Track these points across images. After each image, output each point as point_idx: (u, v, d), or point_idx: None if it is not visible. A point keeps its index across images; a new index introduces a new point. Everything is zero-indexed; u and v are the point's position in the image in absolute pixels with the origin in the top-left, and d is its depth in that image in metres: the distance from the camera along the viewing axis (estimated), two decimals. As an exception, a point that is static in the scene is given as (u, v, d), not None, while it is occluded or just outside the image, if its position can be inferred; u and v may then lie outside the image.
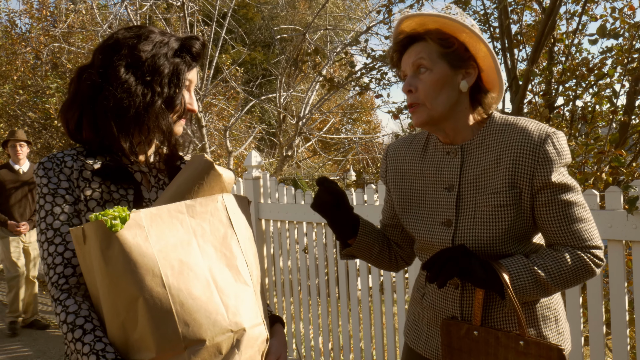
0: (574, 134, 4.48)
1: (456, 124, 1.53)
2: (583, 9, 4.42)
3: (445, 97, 1.49)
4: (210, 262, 1.28)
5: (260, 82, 10.96)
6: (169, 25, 8.58)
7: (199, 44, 1.47)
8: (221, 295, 1.26)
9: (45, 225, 1.34)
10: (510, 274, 1.41)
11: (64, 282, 1.32)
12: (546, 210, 1.45)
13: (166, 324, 1.20)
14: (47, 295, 7.70)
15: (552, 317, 1.56)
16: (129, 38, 1.41)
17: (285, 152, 8.34)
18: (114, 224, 1.19)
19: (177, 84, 1.43)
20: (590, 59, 4.66)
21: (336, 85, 5.45)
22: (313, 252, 3.88)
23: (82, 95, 1.40)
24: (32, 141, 9.85)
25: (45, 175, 1.37)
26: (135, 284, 1.19)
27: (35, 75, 9.91)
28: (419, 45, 1.52)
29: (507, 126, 1.49)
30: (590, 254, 1.45)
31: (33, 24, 10.63)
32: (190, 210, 1.30)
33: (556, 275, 1.43)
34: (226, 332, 1.24)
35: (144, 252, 1.21)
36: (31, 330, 5.98)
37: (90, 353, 1.23)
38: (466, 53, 1.50)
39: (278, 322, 1.53)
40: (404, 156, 1.68)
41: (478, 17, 5.10)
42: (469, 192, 1.51)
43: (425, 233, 1.58)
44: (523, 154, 1.43)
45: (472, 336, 1.49)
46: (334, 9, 15.03)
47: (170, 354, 1.21)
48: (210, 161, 1.34)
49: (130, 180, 1.43)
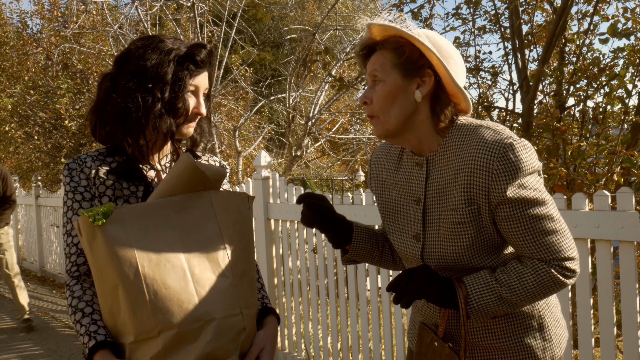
0: (584, 135, 4.45)
1: (418, 134, 1.48)
2: (594, 9, 4.40)
3: (398, 109, 1.44)
4: (190, 255, 1.38)
5: (269, 82, 10.98)
6: (179, 25, 8.61)
7: (205, 51, 1.56)
8: (196, 286, 1.35)
9: (66, 219, 1.51)
10: (469, 293, 1.41)
11: (75, 269, 1.48)
12: (508, 225, 1.40)
13: (141, 310, 1.31)
14: (57, 295, 7.75)
15: (535, 325, 1.52)
16: (139, 48, 1.52)
17: (294, 152, 8.35)
18: (97, 219, 1.32)
19: (179, 90, 1.51)
20: (602, 59, 4.63)
21: (346, 85, 5.45)
22: (322, 252, 3.88)
23: (99, 100, 1.56)
24: (43, 141, 9.92)
25: (68, 175, 1.53)
26: (115, 272, 1.31)
27: (46, 76, 9.98)
28: (376, 56, 1.48)
29: (467, 136, 1.43)
30: (559, 266, 1.40)
31: (44, 25, 10.71)
32: (175, 205, 1.41)
33: (519, 292, 1.40)
34: (197, 320, 1.33)
35: (123, 244, 1.32)
36: (42, 329, 5.98)
37: (85, 334, 1.38)
38: (420, 60, 1.43)
39: (271, 314, 1.58)
40: (383, 164, 1.66)
41: (489, 17, 5.08)
42: (434, 207, 1.49)
43: (400, 245, 1.60)
44: (477, 169, 1.37)
45: (434, 346, 1.54)
46: (343, 9, 15.03)
47: (146, 339, 1.32)
48: (191, 160, 1.41)
49: (140, 178, 1.56)
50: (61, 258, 8.49)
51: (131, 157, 1.54)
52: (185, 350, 1.32)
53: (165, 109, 1.50)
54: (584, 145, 3.80)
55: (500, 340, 1.51)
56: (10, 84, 10.87)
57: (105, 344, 1.36)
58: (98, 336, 1.37)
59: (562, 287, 1.43)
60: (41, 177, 10.07)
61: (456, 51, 1.50)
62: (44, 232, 9.13)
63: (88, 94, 9.11)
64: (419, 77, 1.44)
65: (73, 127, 9.06)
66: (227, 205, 1.48)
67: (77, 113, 9.10)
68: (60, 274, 8.50)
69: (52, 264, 8.97)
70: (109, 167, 1.54)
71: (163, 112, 1.50)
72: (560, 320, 1.61)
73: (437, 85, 1.45)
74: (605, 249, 2.40)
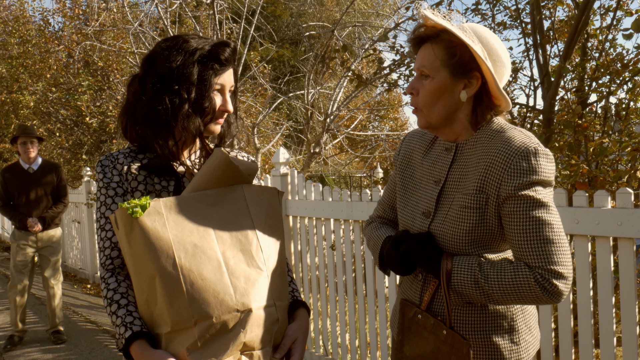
0: (607, 131, 4.39)
1: (455, 130, 1.56)
2: (618, 4, 4.33)
3: (442, 106, 1.51)
4: (225, 247, 1.41)
5: (288, 79, 11.00)
6: (198, 23, 8.64)
7: (229, 49, 1.58)
8: (231, 277, 1.38)
9: (99, 214, 1.54)
10: (453, 267, 1.47)
11: (109, 262, 1.51)
12: (509, 222, 1.43)
13: (178, 301, 1.34)
14: (79, 290, 7.85)
15: (506, 326, 1.54)
16: (164, 50, 1.55)
17: (312, 148, 8.35)
18: (135, 211, 1.35)
19: (204, 89, 1.54)
20: (625, 54, 4.56)
21: (364, 81, 5.43)
22: (340, 249, 3.88)
23: (128, 102, 1.60)
24: (64, 138, 10.03)
25: (101, 172, 1.57)
26: (153, 263, 1.35)
27: (68, 73, 10.10)
28: (426, 49, 1.52)
29: (498, 132, 1.49)
30: (541, 276, 1.38)
31: (66, 23, 10.84)
32: (209, 199, 1.45)
33: (494, 285, 1.42)
34: (232, 311, 1.36)
35: (161, 236, 1.36)
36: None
37: (121, 325, 1.41)
38: (471, 63, 1.48)
39: (302, 307, 1.61)
40: (415, 144, 1.72)
41: (509, 12, 5.02)
42: (451, 189, 1.55)
43: (408, 219, 1.65)
44: (497, 161, 1.43)
45: (417, 319, 1.60)
46: (362, 5, 14.99)
47: (183, 329, 1.35)
48: (225, 155, 1.45)
49: (171, 173, 1.59)
50: (82, 253, 8.60)
51: (161, 156, 1.57)
52: (220, 340, 1.35)
53: (193, 109, 1.54)
54: (606, 141, 3.75)
55: (470, 332, 1.54)
56: (32, 81, 11.02)
57: (141, 334, 1.39)
58: (134, 327, 1.40)
59: (538, 300, 1.42)
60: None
61: (505, 52, 1.53)
62: (66, 227, 9.25)
63: (109, 91, 9.20)
64: (466, 79, 1.49)
65: (94, 123, 9.15)
66: (259, 199, 1.52)
67: (98, 110, 9.20)
68: (82, 269, 8.61)
69: (73, 259, 9.09)
70: (140, 163, 1.58)
71: (190, 112, 1.53)
72: (533, 329, 1.62)
73: (482, 87, 1.50)
74: (628, 247, 2.37)
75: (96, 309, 6.71)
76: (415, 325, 1.61)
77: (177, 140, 1.58)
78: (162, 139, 1.55)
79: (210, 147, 1.71)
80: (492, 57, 1.48)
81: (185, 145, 1.64)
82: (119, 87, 8.93)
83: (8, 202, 5.39)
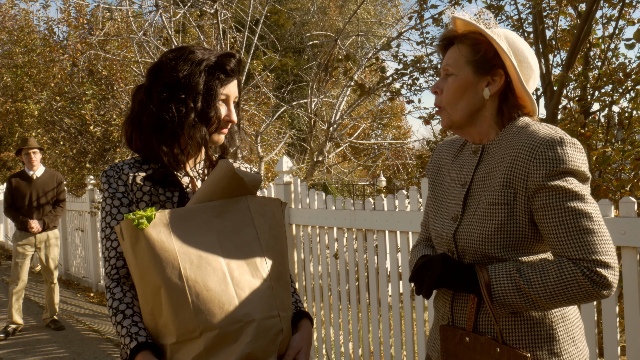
0: (610, 140, 4.39)
1: (480, 129, 1.54)
2: (620, 13, 4.34)
3: (465, 103, 1.50)
4: (229, 258, 1.42)
5: (291, 87, 11.03)
6: (202, 32, 8.69)
7: (234, 60, 1.59)
8: (236, 288, 1.39)
9: (104, 224, 1.55)
10: (491, 279, 1.38)
11: (115, 272, 1.51)
12: (543, 215, 1.37)
13: (183, 312, 1.35)
14: (82, 299, 7.85)
15: (543, 335, 1.44)
16: (170, 60, 1.57)
17: (315, 157, 8.36)
18: (140, 222, 1.36)
19: (210, 99, 1.56)
20: (627, 63, 4.57)
21: (367, 90, 5.45)
22: (343, 258, 3.88)
23: (133, 111, 1.60)
24: (68, 146, 10.07)
25: (106, 182, 1.58)
26: (158, 275, 1.35)
27: (72, 82, 10.13)
28: (452, 50, 1.54)
29: (524, 128, 1.46)
30: (587, 268, 1.30)
31: (70, 32, 10.89)
32: (214, 210, 1.46)
33: (538, 287, 1.33)
34: (237, 322, 1.37)
35: (166, 247, 1.37)
36: (66, 332, 6.05)
37: (126, 335, 1.42)
38: (494, 60, 1.48)
39: (305, 318, 1.61)
40: (445, 152, 1.71)
41: (511, 22, 5.04)
42: (477, 190, 1.51)
43: (438, 227, 1.60)
44: (521, 153, 1.40)
45: (465, 342, 1.50)
46: (364, 14, 15.04)
47: (188, 340, 1.35)
48: (230, 166, 1.46)
49: (175, 185, 1.60)
50: (85, 262, 8.60)
51: (167, 165, 1.58)
52: (225, 351, 1.36)
53: (199, 118, 1.55)
54: (609, 150, 3.75)
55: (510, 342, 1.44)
56: (37, 90, 11.07)
57: (147, 345, 1.39)
58: (139, 337, 1.40)
59: (590, 296, 1.32)
60: (66, 182, 10.22)
61: (533, 56, 1.53)
62: (69, 236, 9.26)
63: (113, 100, 9.24)
64: (489, 76, 1.49)
65: (98, 132, 9.19)
66: (263, 210, 1.53)
67: (102, 119, 9.24)
68: (85, 278, 8.61)
69: (76, 268, 9.09)
70: (145, 174, 1.59)
71: (197, 121, 1.55)
72: (578, 342, 1.49)
73: (506, 86, 1.49)
74: (632, 256, 2.37)
75: (99, 317, 6.71)
76: (463, 350, 1.49)
77: (183, 149, 1.59)
78: (167, 146, 1.56)
79: (214, 158, 1.72)
80: (517, 57, 1.48)
81: (190, 155, 1.65)
82: (123, 96, 8.97)
83: (13, 205, 6.08)
